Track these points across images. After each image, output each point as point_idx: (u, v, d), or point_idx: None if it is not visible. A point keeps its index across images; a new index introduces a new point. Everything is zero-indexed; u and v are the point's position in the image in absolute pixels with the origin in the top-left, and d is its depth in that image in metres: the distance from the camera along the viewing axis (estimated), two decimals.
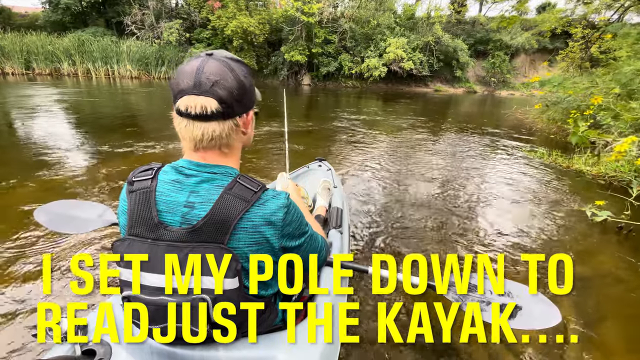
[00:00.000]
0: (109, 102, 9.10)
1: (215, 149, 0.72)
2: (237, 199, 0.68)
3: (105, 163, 3.77)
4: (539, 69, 25.96)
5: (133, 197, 0.71)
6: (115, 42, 17.46)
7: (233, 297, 0.71)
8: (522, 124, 8.56)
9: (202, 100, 0.65)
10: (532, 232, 2.69)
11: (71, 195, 2.89)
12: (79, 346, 0.76)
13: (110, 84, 13.91)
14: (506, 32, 23.36)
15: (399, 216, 2.89)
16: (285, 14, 19.09)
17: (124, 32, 18.83)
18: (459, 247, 2.41)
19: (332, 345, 0.86)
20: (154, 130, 5.72)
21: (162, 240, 0.68)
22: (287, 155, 1.90)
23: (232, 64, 0.69)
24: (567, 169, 4.49)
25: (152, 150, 4.42)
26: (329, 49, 20.58)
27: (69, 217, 1.32)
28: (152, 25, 19.02)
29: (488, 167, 4.63)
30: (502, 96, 22.21)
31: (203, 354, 0.75)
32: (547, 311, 0.95)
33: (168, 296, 0.69)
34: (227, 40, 19.23)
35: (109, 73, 17.08)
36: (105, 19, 20.32)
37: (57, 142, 4.53)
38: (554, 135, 6.68)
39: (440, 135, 6.92)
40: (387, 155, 4.87)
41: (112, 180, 3.25)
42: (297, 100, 12.62)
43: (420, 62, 20.83)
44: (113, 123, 6.20)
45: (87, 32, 18.14)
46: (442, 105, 14.44)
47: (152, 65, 17.90)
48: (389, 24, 21.44)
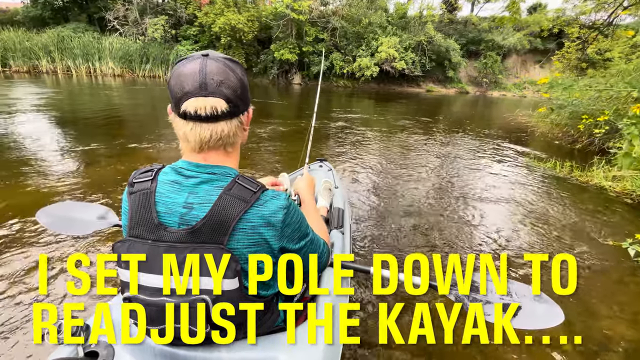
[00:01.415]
0: (91, 101, 8.92)
1: (221, 149, 0.73)
2: (236, 200, 0.69)
3: (90, 166, 3.69)
4: (530, 70, 26.59)
5: (133, 198, 0.72)
6: (97, 38, 17.16)
7: (232, 298, 0.72)
8: (522, 127, 8.53)
9: (211, 102, 0.66)
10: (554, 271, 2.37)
11: (52, 199, 2.83)
12: (81, 348, 0.77)
13: (92, 82, 13.65)
14: (498, 33, 23.87)
15: (401, 216, 2.91)
16: (275, 11, 19.08)
17: (107, 28, 18.54)
18: (460, 248, 2.45)
19: (333, 347, 0.86)
20: (139, 131, 5.64)
21: (162, 241, 0.69)
22: (309, 148, 1.97)
23: (230, 64, 0.70)
24: (586, 183, 4.00)
25: (136, 152, 4.35)
26: (319, 48, 20.65)
27: (70, 218, 1.34)
28: (136, 21, 18.74)
29: (493, 179, 4.27)
30: (494, 97, 22.64)
31: (204, 355, 0.76)
32: (550, 311, 0.96)
33: (167, 297, 0.70)
34: (215, 38, 19.10)
35: (91, 71, 16.76)
36: (88, 15, 19.96)
37: (35, 145, 4.42)
38: (559, 140, 6.47)
39: (439, 139, 6.81)
40: (386, 156, 4.91)
41: (97, 184, 3.19)
42: (288, 100, 12.62)
43: (412, 62, 21.08)
44: (96, 124, 6.08)
45: (68, 28, 17.80)
46: (437, 106, 14.64)
47: (136, 63, 17.66)
48: (381, 23, 21.65)
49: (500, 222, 2.93)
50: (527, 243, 2.60)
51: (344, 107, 11.20)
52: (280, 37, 19.60)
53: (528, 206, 3.34)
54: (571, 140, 6.28)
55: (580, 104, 5.90)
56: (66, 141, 4.66)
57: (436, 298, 1.69)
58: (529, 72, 26.57)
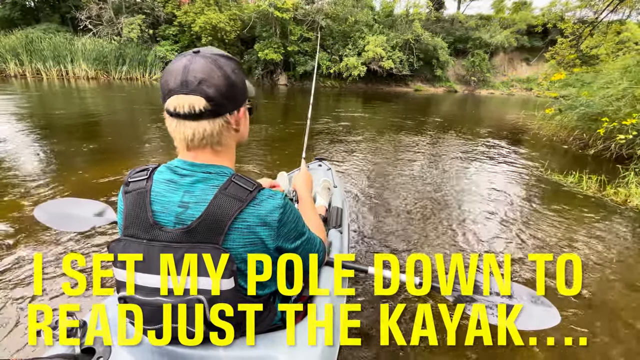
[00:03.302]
0: (65, 107, 8.70)
1: (207, 148, 0.74)
2: (232, 199, 0.70)
3: (63, 175, 3.59)
4: (518, 68, 27.36)
5: (129, 197, 0.73)
6: (69, 39, 16.75)
7: (229, 298, 0.73)
8: (521, 128, 8.29)
9: (189, 100, 0.67)
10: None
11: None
12: (78, 344, 0.78)
13: (64, 86, 13.31)
14: (485, 30, 24.50)
15: (402, 216, 2.93)
16: (258, 9, 19.07)
17: (78, 28, 18.12)
18: (462, 249, 2.47)
19: (331, 347, 0.88)
20: (116, 137, 5.52)
21: (157, 240, 0.70)
22: (305, 145, 1.98)
23: (220, 61, 0.70)
24: (623, 205, 3.30)
25: (114, 159, 4.27)
26: (305, 47, 20.73)
27: (68, 215, 1.37)
28: (110, 21, 18.40)
29: (498, 189, 3.76)
30: (482, 95, 23.19)
31: (203, 354, 0.77)
32: (547, 312, 0.99)
33: (164, 297, 0.71)
34: (196, 38, 18.96)
35: (63, 73, 16.35)
36: (61, 15, 19.48)
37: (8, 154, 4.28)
38: (567, 145, 6.02)
39: (436, 140, 6.60)
40: (386, 157, 4.94)
41: (74, 194, 3.11)
42: (274, 100, 12.59)
43: (400, 61, 21.41)
44: (68, 129, 5.93)
45: (38, 29, 17.31)
46: (427, 105, 14.87)
47: (111, 65, 17.30)
48: (367, 21, 21.94)
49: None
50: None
51: (331, 108, 11.25)
52: (263, 36, 19.60)
53: (556, 249, 2.51)
54: (582, 144, 5.77)
55: (594, 104, 5.41)
56: (36, 148, 4.52)
57: (439, 299, 1.68)
58: (516, 69, 27.34)
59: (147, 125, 6.51)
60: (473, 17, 26.22)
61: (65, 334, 0.76)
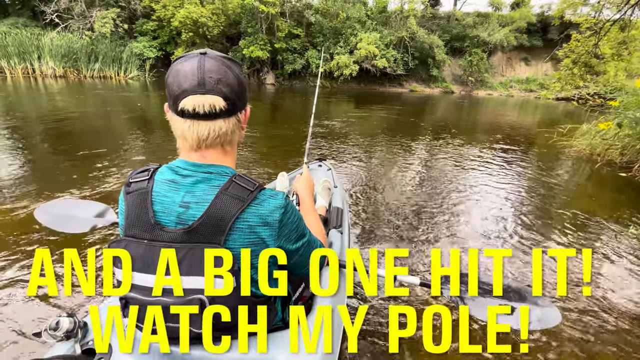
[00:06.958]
0: (31, 108, 8.49)
1: (218, 147, 0.79)
2: (233, 199, 0.74)
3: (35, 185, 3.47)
4: (517, 68, 27.94)
5: (130, 198, 0.78)
6: (36, 34, 16.45)
7: (229, 298, 0.77)
8: (537, 139, 7.47)
9: (209, 99, 0.72)
10: None
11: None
12: (79, 345, 0.83)
13: (30, 86, 13.02)
14: (483, 29, 24.93)
15: (403, 216, 3.09)
16: (242, 3, 19.07)
17: (44, 22, 17.76)
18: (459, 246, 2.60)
19: (331, 348, 0.94)
20: (91, 141, 5.40)
21: (158, 241, 0.74)
22: (308, 147, 2.13)
23: (226, 61, 0.76)
24: None
25: (101, 166, 4.17)
26: (294, 44, 20.79)
27: (69, 216, 1.44)
28: (82, 15, 18.15)
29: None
30: (480, 96, 23.53)
31: (202, 354, 0.82)
32: (547, 312, 1.04)
33: (163, 297, 0.75)
34: (176, 33, 18.82)
35: (29, 71, 16.04)
36: (31, 8, 19.04)
37: None
38: (611, 167, 4.90)
39: (439, 148, 6.21)
40: (384, 158, 4.96)
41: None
42: (261, 101, 12.54)
43: (394, 60, 21.60)
44: (36, 132, 5.78)
45: (5, 23, 16.96)
46: (423, 107, 14.99)
47: (82, 62, 17.05)
48: (360, 17, 22.12)
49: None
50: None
51: (323, 110, 11.28)
52: (249, 32, 19.58)
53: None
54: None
55: None
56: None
57: (436, 300, 1.80)
58: (514, 70, 27.89)
59: (125, 129, 6.40)
60: (470, 14, 26.68)
61: (65, 332, 0.80)
